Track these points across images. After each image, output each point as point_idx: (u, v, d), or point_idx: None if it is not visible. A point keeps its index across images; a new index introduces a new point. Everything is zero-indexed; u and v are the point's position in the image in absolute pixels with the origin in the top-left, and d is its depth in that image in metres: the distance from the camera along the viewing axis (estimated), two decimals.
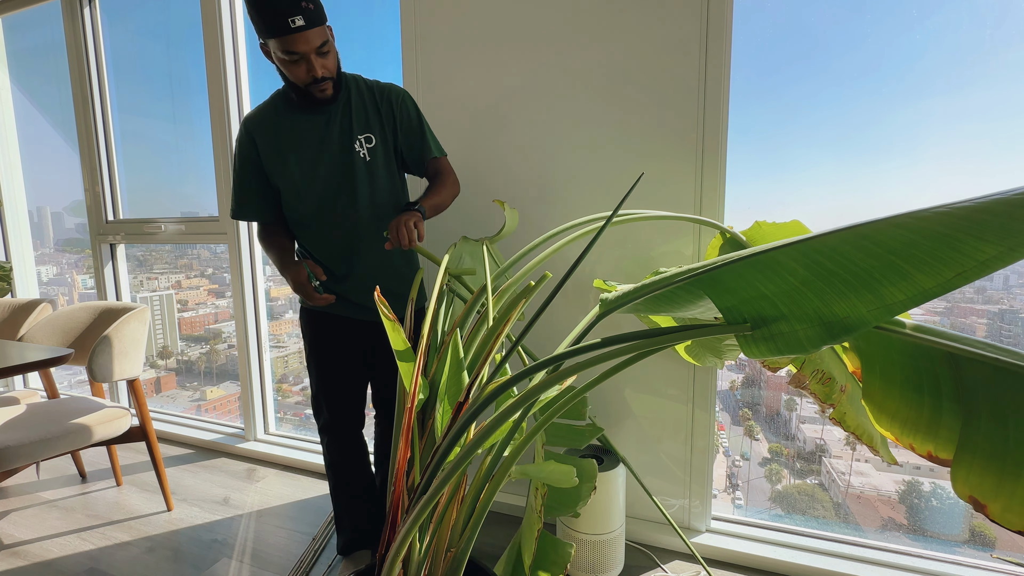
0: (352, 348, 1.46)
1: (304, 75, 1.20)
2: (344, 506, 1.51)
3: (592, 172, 1.59)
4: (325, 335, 1.45)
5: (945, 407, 0.64)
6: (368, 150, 1.34)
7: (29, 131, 3.00)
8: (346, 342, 1.45)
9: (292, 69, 1.19)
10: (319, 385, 1.47)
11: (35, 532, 1.77)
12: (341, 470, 1.50)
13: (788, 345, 0.62)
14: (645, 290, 0.70)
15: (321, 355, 1.46)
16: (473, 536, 0.91)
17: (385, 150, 1.37)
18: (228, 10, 2.15)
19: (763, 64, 1.58)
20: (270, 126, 1.32)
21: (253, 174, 1.35)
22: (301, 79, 1.21)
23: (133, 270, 2.83)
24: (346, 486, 1.50)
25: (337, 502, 1.52)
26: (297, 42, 1.14)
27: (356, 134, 1.33)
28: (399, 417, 1.03)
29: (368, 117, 1.35)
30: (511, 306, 0.91)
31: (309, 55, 1.16)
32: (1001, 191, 0.46)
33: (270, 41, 1.17)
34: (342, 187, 1.33)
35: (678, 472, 1.62)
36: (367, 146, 1.34)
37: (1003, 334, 1.57)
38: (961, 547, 1.51)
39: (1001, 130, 1.35)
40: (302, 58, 1.17)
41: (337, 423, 1.48)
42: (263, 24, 1.15)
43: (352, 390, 1.49)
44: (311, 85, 1.22)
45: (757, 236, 1.27)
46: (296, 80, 1.22)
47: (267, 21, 1.13)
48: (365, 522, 1.52)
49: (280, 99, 1.35)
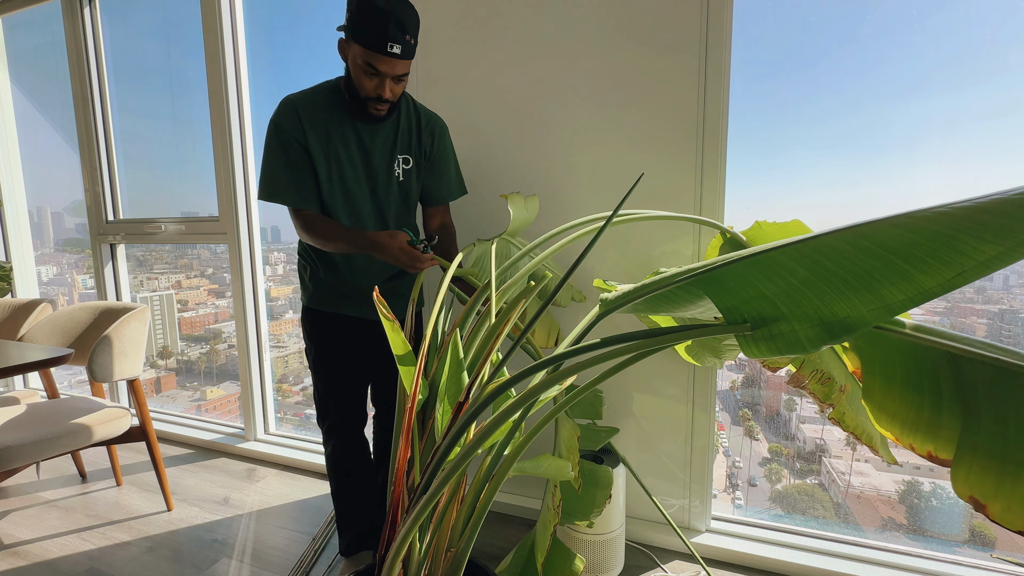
0: (357, 347, 1.46)
1: (372, 91, 1.22)
2: (347, 506, 1.51)
3: (592, 172, 1.59)
4: (333, 335, 1.45)
5: (945, 407, 0.64)
6: (404, 171, 1.38)
7: (29, 131, 3.00)
8: (352, 341, 1.45)
9: (365, 80, 1.21)
10: (328, 386, 1.46)
11: (35, 532, 1.77)
12: (346, 471, 1.50)
13: (788, 345, 0.62)
14: (645, 290, 0.70)
15: (330, 356, 1.45)
16: (473, 536, 0.91)
17: (417, 175, 1.42)
18: (228, 10, 2.15)
19: (763, 65, 1.58)
20: (320, 118, 1.29)
21: (301, 155, 1.28)
22: (367, 91, 1.22)
23: (133, 270, 2.83)
24: (351, 487, 1.50)
25: (341, 502, 1.51)
26: (384, 64, 1.17)
27: (398, 153, 1.36)
28: (399, 417, 1.03)
29: (411, 140, 1.38)
30: (511, 306, 0.91)
31: (387, 78, 1.20)
32: (1001, 191, 0.46)
33: (356, 46, 1.17)
34: (375, 199, 1.37)
35: (678, 472, 1.62)
36: (404, 167, 1.38)
37: (1003, 334, 1.57)
38: (961, 547, 1.51)
39: (1001, 130, 1.35)
40: (380, 76, 1.19)
41: (346, 424, 1.48)
42: (364, 32, 1.14)
43: (358, 390, 1.50)
44: (372, 101, 1.24)
45: (757, 236, 1.26)
46: (361, 90, 1.23)
47: (371, 32, 1.13)
48: (368, 523, 1.51)
49: (330, 94, 1.31)
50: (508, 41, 1.63)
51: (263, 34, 2.27)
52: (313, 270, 1.44)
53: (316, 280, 1.44)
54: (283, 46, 2.35)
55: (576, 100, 1.58)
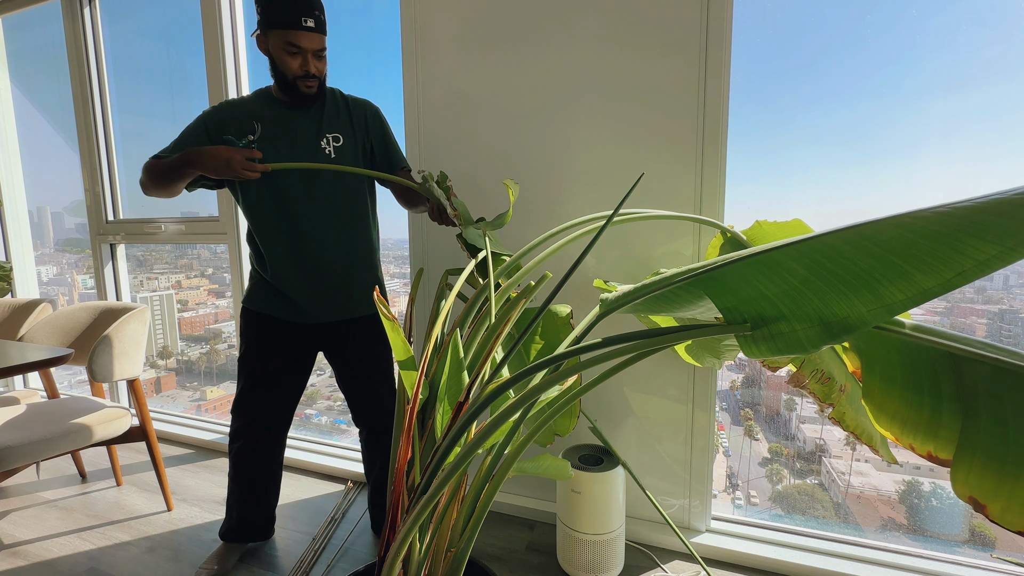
0: (290, 354, 1.48)
1: (298, 68, 1.30)
2: (237, 499, 1.56)
3: (592, 172, 1.59)
4: (265, 338, 1.46)
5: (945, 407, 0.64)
6: (335, 148, 1.41)
7: (29, 131, 3.00)
8: (290, 346, 1.47)
9: (289, 61, 1.29)
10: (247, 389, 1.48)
11: (35, 532, 1.77)
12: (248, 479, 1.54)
13: (788, 345, 0.62)
14: (645, 290, 0.70)
15: (257, 359, 1.47)
16: (473, 536, 0.91)
17: (354, 153, 1.44)
18: (228, 10, 2.15)
19: (763, 65, 1.58)
20: (244, 110, 1.37)
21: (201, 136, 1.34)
22: (293, 71, 1.31)
23: (133, 270, 2.83)
24: (247, 490, 1.55)
25: (232, 497, 1.57)
26: (302, 39, 1.27)
27: (324, 132, 1.40)
28: (399, 417, 1.03)
29: (339, 121, 1.43)
30: (511, 306, 0.91)
31: (308, 52, 1.29)
32: (1001, 191, 0.46)
33: (274, 32, 1.27)
34: (303, 173, 1.38)
35: (678, 472, 1.62)
36: (334, 144, 1.41)
37: (1003, 334, 1.57)
38: (961, 547, 1.51)
39: (1001, 130, 1.35)
40: (301, 53, 1.29)
41: (260, 429, 1.50)
42: (277, 15, 1.25)
43: (280, 400, 1.51)
44: (300, 79, 1.32)
45: (758, 235, 1.27)
46: (288, 72, 1.31)
47: (282, 13, 1.24)
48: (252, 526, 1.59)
49: (258, 94, 1.42)
50: (508, 41, 1.63)
51: None
52: (257, 265, 1.46)
53: (256, 277, 1.46)
54: None
55: (576, 100, 1.58)
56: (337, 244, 1.43)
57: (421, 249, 1.83)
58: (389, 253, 2.83)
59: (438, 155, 1.75)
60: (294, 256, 1.40)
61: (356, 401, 1.57)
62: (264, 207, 1.38)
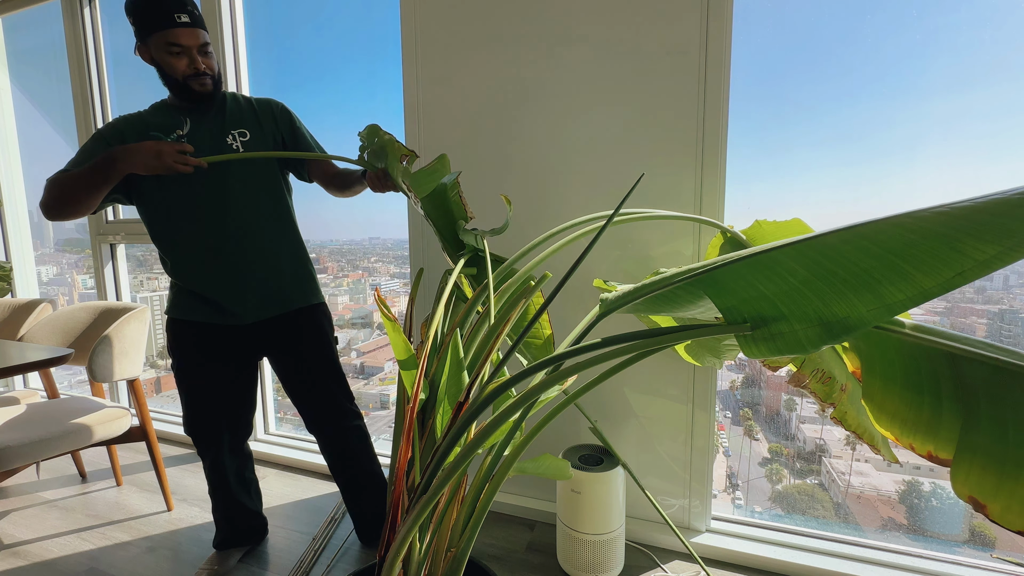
0: (234, 358, 1.43)
1: (185, 67, 1.25)
2: (222, 513, 1.57)
3: (592, 172, 1.59)
4: (202, 348, 1.40)
5: (945, 407, 0.64)
6: (243, 143, 1.36)
7: (29, 131, 3.00)
8: (228, 352, 1.42)
9: (174, 62, 1.24)
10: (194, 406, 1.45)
11: (35, 532, 1.77)
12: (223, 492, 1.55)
13: (788, 345, 0.62)
14: (645, 290, 0.70)
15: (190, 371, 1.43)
16: (473, 536, 0.91)
17: (264, 147, 1.39)
18: (228, 10, 2.15)
19: (763, 65, 1.58)
20: (143, 121, 1.31)
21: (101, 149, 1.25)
22: (181, 71, 1.25)
23: (133, 270, 2.83)
24: (226, 499, 1.56)
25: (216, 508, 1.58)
26: (181, 36, 1.21)
27: (229, 129, 1.36)
28: (399, 417, 1.03)
29: (244, 117, 1.38)
30: (511, 306, 0.91)
31: (192, 50, 1.24)
32: (1001, 191, 0.46)
33: (152, 38, 1.21)
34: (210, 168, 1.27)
35: (678, 472, 1.62)
36: (241, 139, 1.36)
37: (1003, 334, 1.57)
38: (961, 547, 1.51)
39: (1001, 131, 1.35)
40: (185, 51, 1.23)
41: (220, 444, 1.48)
42: (149, 19, 1.20)
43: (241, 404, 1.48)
44: (191, 78, 1.26)
45: (758, 235, 1.26)
46: (176, 73, 1.25)
47: (153, 15, 1.20)
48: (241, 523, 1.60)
49: (156, 108, 1.35)
50: (508, 42, 1.63)
51: (263, 34, 2.28)
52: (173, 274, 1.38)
53: (176, 287, 1.40)
54: (283, 46, 2.35)
55: (576, 100, 1.58)
56: (261, 237, 1.38)
57: (421, 249, 1.83)
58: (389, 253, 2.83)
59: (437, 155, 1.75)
60: (218, 255, 1.34)
61: (310, 405, 1.50)
62: (179, 209, 1.31)
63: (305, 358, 1.47)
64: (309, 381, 1.48)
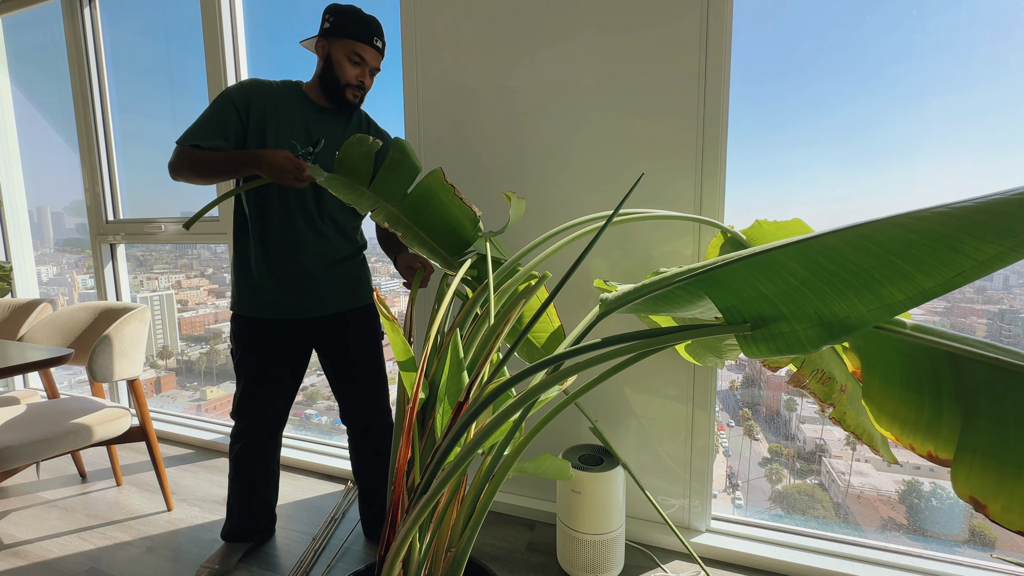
0: (283, 352, 1.50)
1: (354, 77, 1.40)
2: (239, 500, 1.59)
3: (592, 172, 1.59)
4: (259, 342, 1.48)
5: (945, 407, 0.64)
6: None
7: (29, 131, 3.00)
8: (286, 345, 1.50)
9: (349, 68, 1.38)
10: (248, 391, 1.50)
11: (35, 532, 1.77)
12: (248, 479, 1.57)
13: (788, 345, 0.62)
14: (645, 290, 0.70)
15: (253, 362, 1.49)
16: (473, 536, 0.91)
17: None
18: (228, 10, 2.15)
19: (763, 65, 1.58)
20: (268, 94, 1.39)
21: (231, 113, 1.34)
22: (348, 78, 1.39)
23: (133, 270, 2.83)
24: (247, 490, 1.58)
25: (233, 497, 1.59)
26: (368, 53, 1.38)
27: None
28: (399, 417, 1.03)
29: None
30: (511, 306, 0.91)
31: (367, 67, 1.40)
32: (1001, 191, 0.46)
33: (342, 40, 1.35)
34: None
35: (678, 472, 1.62)
36: None
37: (1003, 334, 1.57)
38: (961, 547, 1.51)
39: (1000, 130, 1.35)
40: (363, 65, 1.39)
41: (255, 430, 1.53)
42: (353, 28, 1.35)
43: (277, 399, 1.53)
44: (352, 87, 1.41)
45: (758, 235, 1.26)
46: (343, 77, 1.39)
47: (358, 28, 1.36)
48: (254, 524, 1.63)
49: (288, 86, 1.44)
50: (508, 41, 1.63)
51: (263, 34, 2.28)
52: (241, 271, 1.47)
53: (241, 283, 1.47)
54: (283, 46, 2.35)
55: (576, 100, 1.58)
56: (340, 240, 1.49)
57: None
58: None
59: (438, 155, 1.75)
60: (303, 254, 1.43)
61: (351, 398, 1.57)
62: (282, 208, 1.41)
63: (352, 355, 1.54)
64: (353, 376, 1.55)
